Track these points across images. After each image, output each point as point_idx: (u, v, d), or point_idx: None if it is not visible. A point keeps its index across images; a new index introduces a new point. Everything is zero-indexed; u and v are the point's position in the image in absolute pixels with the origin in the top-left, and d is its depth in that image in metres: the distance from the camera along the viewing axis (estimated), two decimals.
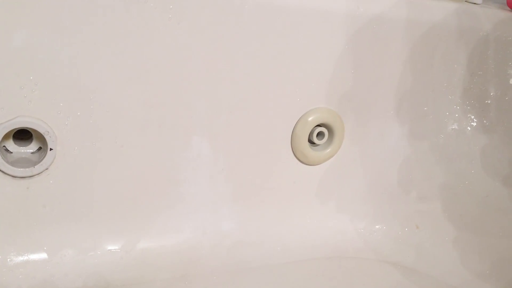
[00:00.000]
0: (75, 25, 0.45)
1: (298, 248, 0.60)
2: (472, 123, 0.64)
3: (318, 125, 0.60)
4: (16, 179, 0.47)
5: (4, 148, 0.48)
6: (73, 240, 0.51)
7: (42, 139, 0.47)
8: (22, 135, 0.49)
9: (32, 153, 0.49)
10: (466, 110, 0.64)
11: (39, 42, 0.44)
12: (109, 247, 0.52)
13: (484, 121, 0.63)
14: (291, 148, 0.60)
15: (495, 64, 0.63)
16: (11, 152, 0.48)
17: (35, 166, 0.47)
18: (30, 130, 0.48)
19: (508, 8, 0.66)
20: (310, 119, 0.58)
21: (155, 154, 0.52)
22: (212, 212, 0.57)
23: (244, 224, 0.59)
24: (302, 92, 0.57)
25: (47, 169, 0.48)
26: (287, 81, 0.56)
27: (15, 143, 0.49)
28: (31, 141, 0.49)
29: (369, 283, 0.56)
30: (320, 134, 0.60)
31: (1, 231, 0.48)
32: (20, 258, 0.48)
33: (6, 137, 0.47)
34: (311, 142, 0.61)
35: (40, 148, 0.49)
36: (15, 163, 0.47)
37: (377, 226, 0.65)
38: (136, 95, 0.49)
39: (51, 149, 0.47)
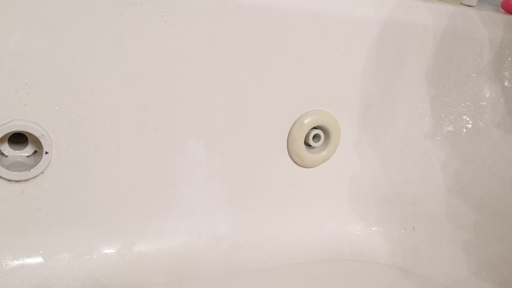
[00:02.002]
0: (70, 29, 0.45)
1: (295, 250, 0.60)
2: (468, 125, 0.64)
3: (314, 128, 0.60)
4: (12, 183, 0.47)
5: None
6: (69, 244, 0.51)
7: (37, 142, 0.47)
8: (18, 138, 0.49)
9: (27, 156, 0.49)
10: (461, 112, 0.64)
11: (34, 45, 0.44)
12: (105, 251, 0.52)
13: (480, 123, 0.64)
14: (287, 151, 0.60)
15: (490, 66, 0.63)
16: (7, 156, 0.48)
17: (31, 170, 0.47)
18: (25, 134, 0.48)
19: (503, 10, 0.66)
20: (306, 121, 0.58)
21: (151, 158, 0.52)
22: (208, 215, 0.57)
23: (240, 227, 0.59)
24: (298, 95, 0.57)
25: (42, 172, 0.48)
26: (283, 83, 0.56)
27: (10, 147, 0.48)
28: (26, 145, 0.49)
29: (366, 285, 0.56)
30: (316, 137, 0.60)
31: None
32: (16, 262, 0.48)
33: (1, 140, 0.47)
34: (307, 144, 0.61)
35: (35, 152, 0.49)
36: (10, 166, 0.47)
37: (373, 228, 0.65)
38: (131, 98, 0.49)
39: (46, 153, 0.47)
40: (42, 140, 0.46)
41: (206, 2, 0.49)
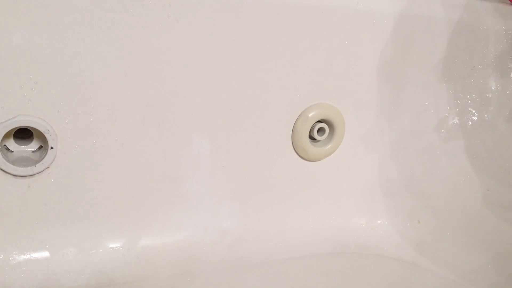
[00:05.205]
0: (74, 24, 0.45)
1: (299, 244, 0.60)
2: (473, 117, 0.64)
3: (319, 121, 0.60)
4: (17, 178, 0.47)
5: (5, 147, 0.48)
6: (75, 238, 0.51)
7: (42, 137, 0.47)
8: (23, 134, 0.49)
9: (33, 152, 0.49)
10: (467, 105, 0.64)
11: (38, 41, 0.44)
12: (111, 245, 0.52)
13: (485, 115, 0.63)
14: (291, 144, 0.60)
15: (496, 58, 0.62)
16: (12, 151, 0.48)
17: (36, 165, 0.47)
18: (30, 129, 0.48)
19: (509, 2, 0.65)
20: (310, 115, 0.58)
21: (156, 152, 0.53)
22: (213, 209, 0.57)
23: (245, 221, 0.59)
24: (302, 88, 0.57)
25: (48, 167, 0.48)
26: (287, 77, 0.56)
27: (15, 142, 0.49)
28: (31, 140, 0.49)
29: (371, 279, 0.56)
30: (320, 130, 0.60)
31: (3, 230, 0.48)
32: (22, 257, 0.49)
33: (6, 136, 0.47)
34: (311, 138, 0.61)
35: (40, 147, 0.49)
36: (16, 162, 0.47)
37: (378, 222, 0.65)
38: (136, 93, 0.50)
39: (51, 148, 0.47)
40: (47, 135, 0.47)
41: None
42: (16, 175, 0.47)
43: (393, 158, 0.65)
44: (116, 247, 0.52)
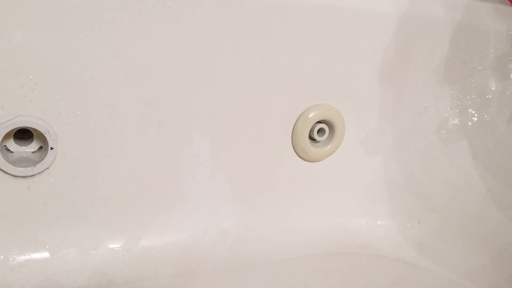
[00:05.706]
0: (74, 24, 0.45)
1: (300, 244, 0.60)
2: (473, 118, 0.64)
3: (319, 122, 0.60)
4: (17, 178, 0.47)
5: (5, 147, 0.48)
6: (75, 239, 0.51)
7: (42, 138, 0.47)
8: (23, 134, 0.49)
9: (33, 152, 0.49)
10: (467, 105, 0.64)
11: (38, 41, 0.44)
12: (111, 246, 0.52)
13: (485, 116, 0.63)
14: (291, 145, 0.60)
15: (496, 58, 0.62)
16: (12, 152, 0.48)
17: (36, 166, 0.47)
18: (30, 130, 0.48)
19: (509, 3, 0.65)
20: (310, 115, 0.58)
21: (156, 152, 0.52)
22: (213, 209, 0.57)
23: (245, 221, 0.59)
24: (302, 89, 0.57)
25: (48, 168, 0.48)
26: (287, 77, 0.56)
27: (16, 143, 0.49)
28: (31, 141, 0.49)
29: (371, 279, 0.56)
30: (320, 131, 0.60)
31: (3, 231, 0.48)
32: (22, 257, 0.49)
33: (7, 136, 0.47)
34: (311, 138, 0.61)
35: (41, 148, 0.49)
36: (16, 162, 0.47)
37: (378, 222, 0.65)
38: (136, 93, 0.49)
39: (51, 148, 0.47)
40: (47, 136, 0.47)
41: None
42: (16, 176, 0.47)
43: (393, 158, 0.65)
44: (116, 247, 0.52)
